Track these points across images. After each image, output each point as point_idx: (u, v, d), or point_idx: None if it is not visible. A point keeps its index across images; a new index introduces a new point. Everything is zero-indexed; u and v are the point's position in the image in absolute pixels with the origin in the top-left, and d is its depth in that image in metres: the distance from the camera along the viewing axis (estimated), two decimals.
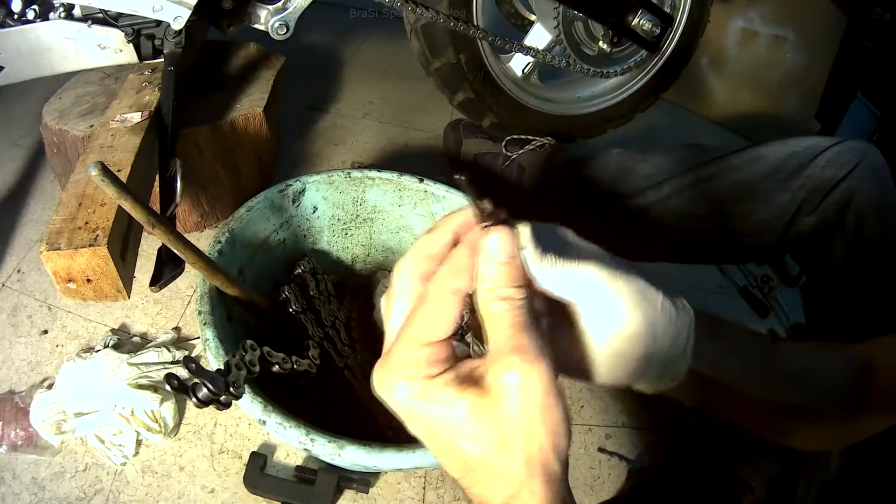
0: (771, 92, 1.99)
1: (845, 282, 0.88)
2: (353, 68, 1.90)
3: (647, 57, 1.38)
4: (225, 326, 0.69)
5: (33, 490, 0.82)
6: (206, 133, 1.05)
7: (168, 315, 1.04)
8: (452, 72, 1.24)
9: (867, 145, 0.91)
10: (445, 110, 1.63)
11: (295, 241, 0.88)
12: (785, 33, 1.92)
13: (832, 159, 0.91)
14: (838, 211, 0.89)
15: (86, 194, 0.83)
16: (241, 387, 0.56)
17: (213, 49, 1.29)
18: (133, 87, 1.08)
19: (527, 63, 1.34)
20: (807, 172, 0.92)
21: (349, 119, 1.64)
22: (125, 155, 0.88)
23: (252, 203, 0.80)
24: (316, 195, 0.87)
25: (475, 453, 0.34)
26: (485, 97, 1.28)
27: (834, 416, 0.54)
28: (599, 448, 0.98)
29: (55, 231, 0.77)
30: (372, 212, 0.92)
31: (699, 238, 1.01)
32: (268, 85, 1.18)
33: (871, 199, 0.87)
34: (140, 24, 1.04)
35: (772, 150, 0.96)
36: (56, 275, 0.78)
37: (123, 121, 0.97)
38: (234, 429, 0.90)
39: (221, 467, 0.86)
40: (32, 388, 0.91)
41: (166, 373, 0.53)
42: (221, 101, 1.13)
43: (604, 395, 1.07)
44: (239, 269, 0.78)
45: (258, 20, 1.10)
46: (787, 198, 0.93)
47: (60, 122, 1.06)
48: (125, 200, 0.61)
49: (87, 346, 0.98)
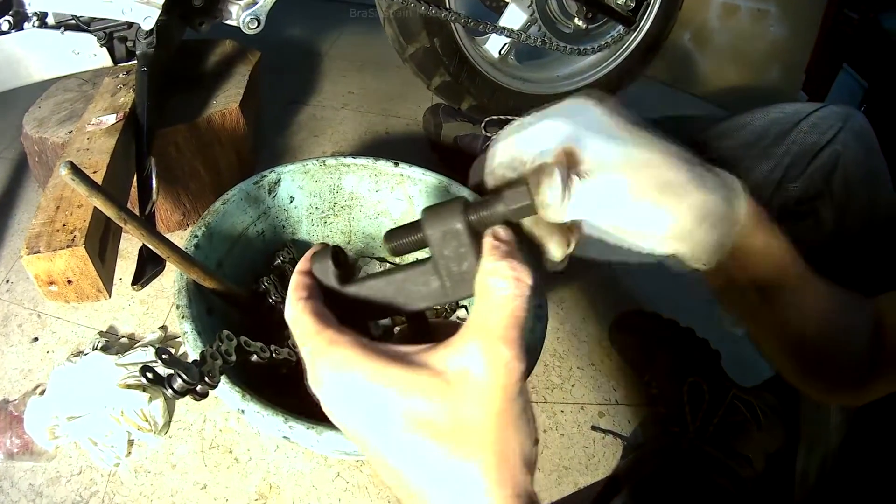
0: (755, 65, 1.98)
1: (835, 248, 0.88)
2: (332, 60, 1.90)
3: (624, 32, 1.38)
4: (204, 319, 0.69)
5: (31, 497, 0.82)
6: (183, 131, 1.05)
7: (154, 315, 1.04)
8: (427, 57, 1.23)
9: (850, 109, 0.90)
10: (424, 96, 1.62)
11: (274, 233, 0.87)
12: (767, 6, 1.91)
13: (815, 124, 0.90)
14: (824, 176, 0.88)
15: (63, 197, 0.83)
16: (216, 376, 0.56)
17: (190, 48, 1.29)
18: (108, 91, 1.08)
19: (503, 44, 1.34)
20: (790, 138, 0.91)
21: (329, 110, 1.64)
22: (101, 156, 0.88)
23: (227, 196, 0.80)
24: (292, 185, 0.87)
25: (422, 446, 0.31)
26: (462, 80, 1.28)
27: (849, 369, 0.54)
28: (593, 426, 0.98)
29: (34, 235, 0.78)
30: (349, 199, 0.91)
31: None
32: (243, 80, 1.18)
33: (857, 162, 0.87)
34: (112, 28, 1.05)
35: (754, 118, 0.95)
36: (38, 278, 0.78)
37: (99, 123, 0.97)
38: (224, 424, 0.90)
39: (212, 463, 0.86)
40: (25, 396, 0.91)
41: (141, 365, 0.53)
42: (198, 99, 1.13)
43: (595, 373, 1.07)
44: (218, 263, 0.78)
45: (230, 16, 1.10)
46: (771, 165, 0.92)
47: (40, 130, 1.06)
48: (96, 198, 0.61)
49: (76, 351, 0.98)
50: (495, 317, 0.32)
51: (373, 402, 0.32)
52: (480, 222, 0.36)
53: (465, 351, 0.32)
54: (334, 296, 0.39)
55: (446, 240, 0.36)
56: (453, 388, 0.31)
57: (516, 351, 0.31)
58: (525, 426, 0.32)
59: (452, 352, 0.32)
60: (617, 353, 1.10)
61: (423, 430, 0.31)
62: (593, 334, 1.14)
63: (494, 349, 0.31)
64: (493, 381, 0.31)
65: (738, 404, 0.95)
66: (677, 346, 1.04)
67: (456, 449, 0.31)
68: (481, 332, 0.32)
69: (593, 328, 1.15)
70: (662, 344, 1.04)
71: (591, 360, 1.09)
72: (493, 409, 0.31)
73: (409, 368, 0.32)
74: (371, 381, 0.32)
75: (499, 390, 0.31)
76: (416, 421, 0.31)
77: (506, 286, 0.33)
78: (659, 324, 1.10)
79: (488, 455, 0.31)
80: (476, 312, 0.33)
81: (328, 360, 0.34)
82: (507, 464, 0.31)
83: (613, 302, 1.19)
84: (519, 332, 0.32)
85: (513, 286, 0.33)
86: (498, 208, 0.36)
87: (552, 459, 0.93)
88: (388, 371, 0.32)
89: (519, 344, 0.31)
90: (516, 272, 0.33)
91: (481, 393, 0.31)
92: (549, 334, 0.74)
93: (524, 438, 0.32)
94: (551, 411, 0.99)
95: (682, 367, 1.00)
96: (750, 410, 0.94)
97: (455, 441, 0.31)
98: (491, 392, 0.31)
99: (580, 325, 1.15)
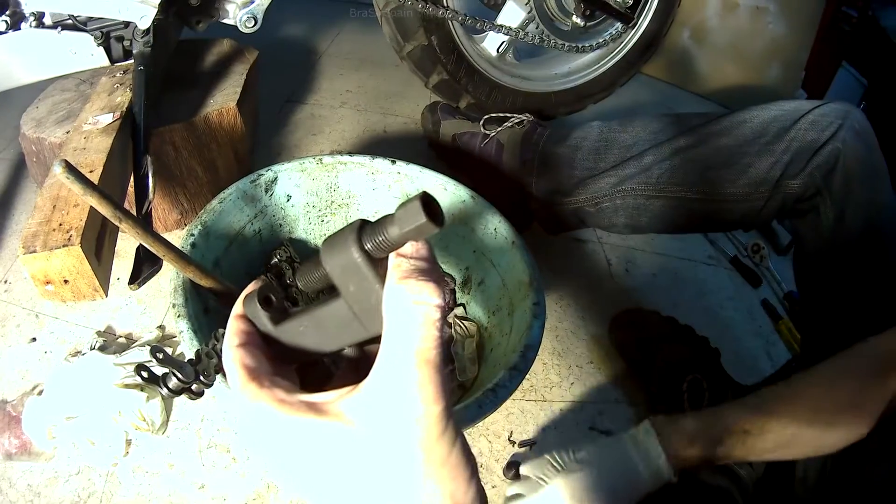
0: (754, 63, 1.98)
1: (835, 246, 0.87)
2: (330, 59, 1.89)
3: (622, 29, 1.37)
4: (200, 318, 0.68)
5: (29, 497, 0.82)
6: (180, 130, 1.05)
7: (152, 314, 1.04)
8: (425, 55, 1.23)
9: (849, 107, 0.90)
10: (423, 95, 1.62)
11: (271, 231, 0.87)
12: (765, 3, 1.91)
13: (815, 121, 0.90)
14: (825, 174, 0.88)
15: (60, 196, 0.83)
16: (211, 375, 0.55)
17: (188, 48, 1.29)
18: (105, 90, 1.08)
19: (501, 42, 1.33)
20: (790, 135, 0.91)
21: (327, 109, 1.63)
22: (98, 156, 0.88)
23: (224, 195, 0.80)
24: (288, 183, 0.86)
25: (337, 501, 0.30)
26: (459, 78, 1.28)
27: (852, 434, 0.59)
28: (590, 427, 0.98)
29: (31, 234, 0.78)
30: (346, 197, 0.91)
31: (684, 207, 1.00)
32: (241, 79, 1.18)
33: (857, 160, 0.86)
34: (108, 27, 1.05)
35: (754, 115, 0.95)
36: (34, 278, 0.78)
37: (95, 122, 0.97)
38: (222, 423, 0.90)
39: (210, 462, 0.86)
40: (23, 396, 0.91)
41: (136, 364, 0.53)
42: (195, 98, 1.13)
43: (594, 371, 1.06)
44: (215, 262, 0.78)
45: (227, 15, 1.10)
46: (771, 161, 0.92)
47: (38, 130, 1.06)
48: (91, 196, 0.60)
49: (74, 351, 0.98)
50: (401, 356, 0.28)
51: (294, 461, 0.31)
52: (378, 249, 0.32)
53: (372, 397, 0.29)
54: (270, 338, 0.38)
55: (347, 274, 0.33)
56: (367, 443, 0.29)
57: (426, 393, 0.28)
58: (454, 469, 0.29)
59: (362, 397, 0.30)
60: (616, 351, 1.10)
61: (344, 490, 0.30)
62: (592, 333, 1.13)
63: (399, 396, 0.28)
64: (405, 438, 0.28)
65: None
66: (676, 344, 1.04)
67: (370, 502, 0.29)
68: (386, 376, 0.29)
69: (592, 326, 1.14)
70: (661, 342, 1.04)
71: (590, 359, 1.09)
72: (410, 465, 0.28)
73: (321, 420, 0.30)
74: (289, 440, 0.31)
75: (412, 445, 0.28)
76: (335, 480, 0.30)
77: (405, 316, 0.29)
78: (658, 321, 1.09)
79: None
80: (383, 345, 0.30)
81: (251, 415, 0.33)
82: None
83: (612, 300, 1.18)
84: (430, 368, 0.28)
85: (413, 314, 0.29)
86: (391, 231, 0.31)
87: None
88: (303, 427, 0.31)
89: (429, 384, 0.28)
90: (415, 294, 0.29)
91: (392, 446, 0.28)
92: (547, 332, 0.74)
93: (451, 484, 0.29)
94: (550, 410, 0.99)
95: (682, 366, 1.00)
96: None
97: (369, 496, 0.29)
98: (404, 449, 0.28)
99: (579, 323, 1.14)
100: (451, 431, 0.29)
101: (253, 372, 0.34)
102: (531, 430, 0.96)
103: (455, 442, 0.29)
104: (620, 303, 1.16)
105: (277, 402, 0.32)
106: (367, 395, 0.29)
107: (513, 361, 0.67)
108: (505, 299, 0.82)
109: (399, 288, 0.29)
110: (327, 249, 0.33)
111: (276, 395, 0.32)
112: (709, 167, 0.97)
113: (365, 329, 0.34)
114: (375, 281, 0.32)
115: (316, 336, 0.37)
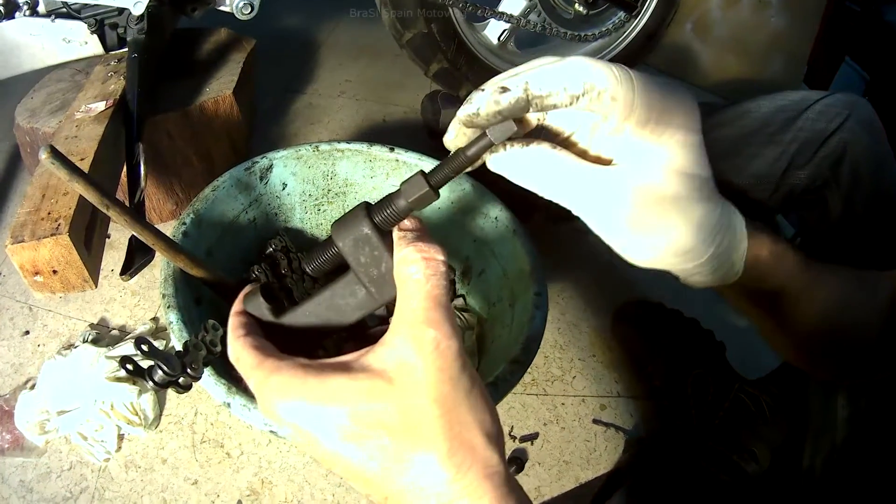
0: (757, 56, 1.96)
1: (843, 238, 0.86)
2: (329, 49, 1.88)
3: (625, 18, 1.35)
4: (191, 309, 0.66)
5: (21, 493, 0.81)
6: (175, 119, 1.03)
7: (146, 306, 1.02)
8: (425, 42, 1.22)
9: (856, 97, 0.89)
10: (423, 84, 1.60)
11: (266, 220, 0.85)
12: None
13: (822, 112, 0.88)
14: (832, 165, 0.87)
15: (49, 185, 0.81)
16: (199, 367, 0.53)
17: (184, 36, 1.28)
18: (99, 78, 1.06)
19: (502, 30, 1.32)
20: (797, 125, 0.90)
21: (326, 99, 1.62)
22: (89, 143, 0.87)
23: (217, 183, 0.78)
24: (284, 171, 0.84)
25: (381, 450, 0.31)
26: (460, 67, 1.26)
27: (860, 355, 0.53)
28: (594, 420, 0.96)
29: (19, 224, 0.76)
30: (344, 185, 0.89)
31: None
32: (237, 67, 1.16)
33: (865, 151, 0.85)
34: (102, 14, 1.04)
35: (760, 105, 0.94)
36: (23, 268, 0.77)
37: (88, 111, 0.95)
38: (215, 417, 0.88)
39: (203, 458, 0.84)
40: (16, 390, 0.90)
41: (121, 356, 0.51)
42: (191, 87, 1.11)
43: (597, 364, 1.04)
44: (207, 251, 0.76)
45: (222, 2, 1.09)
46: (777, 152, 0.90)
47: (32, 120, 1.06)
48: (77, 182, 0.58)
49: (67, 344, 0.97)
50: (414, 303, 0.32)
51: (322, 422, 0.32)
52: (386, 221, 0.37)
53: (395, 344, 0.32)
54: (274, 328, 0.41)
55: (358, 246, 0.37)
56: (395, 384, 0.31)
57: (444, 330, 0.31)
58: (477, 401, 0.32)
59: (386, 348, 0.32)
60: (619, 344, 1.08)
61: (377, 433, 0.31)
62: (595, 325, 1.11)
63: (420, 335, 0.31)
64: (428, 367, 0.31)
65: (743, 398, 0.93)
66: (681, 337, 1.03)
67: (411, 444, 0.31)
68: (405, 322, 0.32)
69: (595, 319, 1.12)
70: (666, 335, 1.03)
71: (593, 352, 1.07)
72: (436, 394, 0.31)
73: (349, 376, 0.32)
74: (315, 402, 0.32)
75: (436, 374, 0.31)
76: (367, 427, 0.31)
77: (416, 270, 0.33)
78: (662, 314, 1.08)
79: (442, 442, 0.30)
80: (398, 304, 0.34)
81: (272, 390, 0.34)
82: (465, 446, 0.30)
83: (615, 292, 1.16)
84: (441, 310, 0.32)
85: (423, 267, 0.33)
86: (399, 203, 0.37)
87: (553, 453, 0.91)
88: (328, 386, 0.32)
89: (444, 322, 0.31)
90: (424, 252, 0.34)
91: (420, 381, 0.31)
92: (549, 325, 0.72)
93: (480, 414, 0.31)
94: (552, 404, 0.97)
95: (686, 359, 0.98)
96: (755, 404, 0.92)
97: (408, 436, 0.31)
98: (429, 378, 0.31)
99: (581, 316, 1.13)
100: (471, 370, 0.32)
101: (266, 350, 0.36)
102: (532, 424, 0.94)
103: (476, 380, 0.32)
104: (624, 295, 1.14)
105: (302, 369, 0.34)
106: (391, 343, 0.32)
107: (514, 354, 0.65)
108: (506, 290, 0.80)
109: (409, 249, 0.34)
110: (339, 228, 0.38)
111: (299, 363, 0.34)
112: (713, 157, 0.94)
113: (374, 298, 0.39)
114: (385, 249, 0.37)
115: (325, 315, 0.41)
